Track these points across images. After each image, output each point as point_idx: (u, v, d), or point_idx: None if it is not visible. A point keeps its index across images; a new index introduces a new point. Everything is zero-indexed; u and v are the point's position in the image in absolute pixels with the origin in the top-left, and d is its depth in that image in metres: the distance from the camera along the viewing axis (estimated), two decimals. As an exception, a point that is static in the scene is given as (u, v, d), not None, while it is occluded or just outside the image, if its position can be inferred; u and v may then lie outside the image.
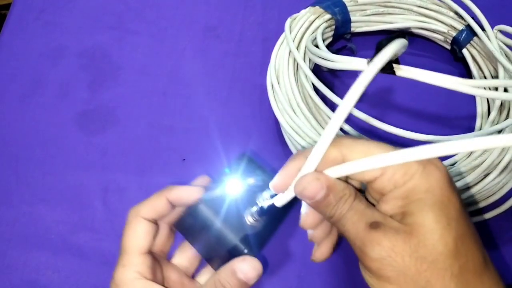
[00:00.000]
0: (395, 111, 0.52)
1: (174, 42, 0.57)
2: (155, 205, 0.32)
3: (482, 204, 0.42)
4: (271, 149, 0.49)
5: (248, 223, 0.31)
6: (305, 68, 0.45)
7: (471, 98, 0.52)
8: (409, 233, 0.24)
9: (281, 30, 0.51)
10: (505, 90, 0.47)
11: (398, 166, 0.25)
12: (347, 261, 0.43)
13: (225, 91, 0.53)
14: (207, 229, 0.32)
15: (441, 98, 0.52)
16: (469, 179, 0.40)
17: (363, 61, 0.35)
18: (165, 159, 0.48)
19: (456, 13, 0.52)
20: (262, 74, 0.52)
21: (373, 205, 0.27)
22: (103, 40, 0.57)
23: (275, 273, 0.42)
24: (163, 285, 0.31)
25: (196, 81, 0.54)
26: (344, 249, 0.43)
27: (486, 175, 0.41)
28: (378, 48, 0.30)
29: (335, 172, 0.26)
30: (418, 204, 0.24)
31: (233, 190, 0.32)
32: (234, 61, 0.56)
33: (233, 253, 0.31)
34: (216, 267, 0.33)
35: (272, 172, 0.31)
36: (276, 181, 0.29)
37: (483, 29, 0.49)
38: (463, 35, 0.52)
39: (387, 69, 0.31)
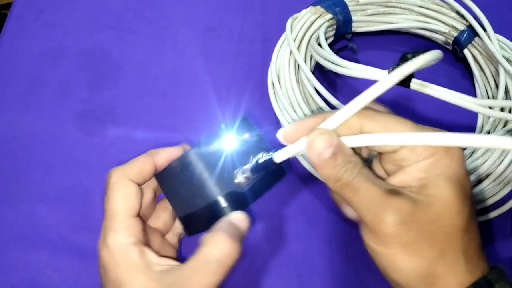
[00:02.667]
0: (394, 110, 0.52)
1: (174, 42, 0.57)
2: (142, 168, 0.31)
3: (483, 205, 0.42)
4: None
5: (237, 181, 0.30)
6: (306, 70, 0.45)
7: (472, 95, 0.51)
8: (429, 203, 0.24)
9: (281, 30, 0.51)
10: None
11: None
12: (347, 261, 0.43)
13: (226, 91, 0.53)
14: (190, 182, 0.30)
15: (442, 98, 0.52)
16: (471, 179, 0.40)
17: (381, 71, 0.35)
18: (165, 159, 0.48)
19: (458, 13, 0.52)
20: (262, 74, 0.51)
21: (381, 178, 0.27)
22: (103, 40, 0.57)
23: (276, 273, 0.42)
24: (151, 249, 0.30)
25: (196, 81, 0.54)
26: (345, 249, 0.43)
27: (487, 176, 0.41)
28: (402, 60, 0.31)
29: (352, 141, 0.25)
30: (440, 178, 0.25)
31: (226, 145, 0.30)
32: (234, 61, 0.55)
33: (213, 210, 0.29)
34: (190, 231, 0.31)
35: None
36: (287, 130, 0.27)
37: (484, 29, 0.49)
38: (464, 35, 0.51)
39: (405, 82, 0.31)
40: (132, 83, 0.53)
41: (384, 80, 0.24)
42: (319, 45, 0.47)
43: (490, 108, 0.43)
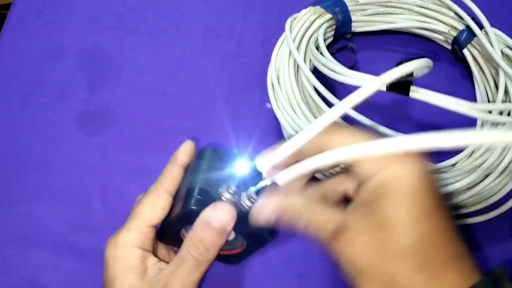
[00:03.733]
0: (393, 113, 0.52)
1: (174, 42, 0.57)
2: (174, 176, 0.32)
3: (483, 205, 0.42)
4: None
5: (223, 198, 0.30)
6: (306, 70, 0.45)
7: (472, 98, 0.52)
8: (378, 226, 0.24)
9: (281, 30, 0.51)
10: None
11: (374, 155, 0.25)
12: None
13: (225, 91, 0.53)
14: (189, 173, 0.31)
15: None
16: (470, 179, 0.40)
17: (372, 78, 0.35)
18: (165, 159, 0.48)
19: (457, 13, 0.52)
20: (262, 74, 0.51)
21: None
22: (103, 40, 0.57)
23: (276, 273, 0.42)
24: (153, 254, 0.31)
25: (196, 81, 0.54)
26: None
27: (486, 176, 0.41)
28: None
29: (286, 175, 0.27)
30: (392, 194, 0.24)
31: (238, 167, 0.31)
32: (234, 61, 0.55)
33: (188, 195, 0.29)
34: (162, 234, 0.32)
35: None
36: (259, 161, 0.29)
37: (482, 28, 0.49)
38: (464, 35, 0.51)
39: (402, 89, 0.31)
40: (132, 83, 0.53)
41: (360, 90, 0.24)
42: (317, 48, 0.47)
43: (489, 112, 0.43)
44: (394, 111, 0.52)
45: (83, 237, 0.44)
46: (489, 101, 0.50)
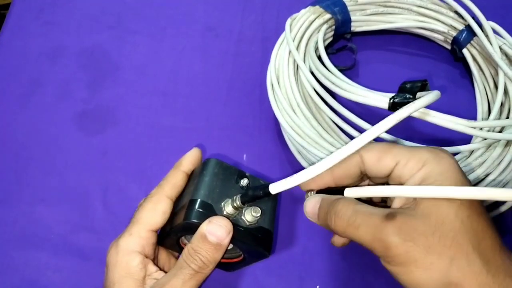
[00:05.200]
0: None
1: (174, 42, 0.57)
2: (175, 182, 0.32)
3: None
4: (271, 149, 0.49)
5: (225, 212, 0.30)
6: (305, 71, 0.45)
7: (472, 97, 0.52)
8: (426, 215, 0.25)
9: (281, 29, 0.51)
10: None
11: (410, 155, 0.27)
12: (347, 261, 0.43)
13: (225, 91, 0.53)
14: (192, 181, 0.32)
15: (440, 98, 0.52)
16: (470, 179, 0.40)
17: (380, 98, 0.36)
18: (165, 159, 0.48)
19: (456, 12, 0.52)
20: (262, 73, 0.51)
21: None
22: (102, 39, 0.57)
23: (276, 274, 0.42)
24: (153, 262, 0.31)
25: (196, 81, 0.54)
26: (345, 249, 0.43)
27: (486, 175, 0.41)
28: (401, 90, 0.33)
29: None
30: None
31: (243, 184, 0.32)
32: (234, 61, 0.55)
33: (188, 206, 0.30)
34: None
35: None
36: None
37: (482, 29, 0.49)
38: (463, 35, 0.51)
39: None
40: (132, 83, 0.53)
41: (381, 125, 0.27)
42: (317, 50, 0.47)
43: (489, 131, 0.44)
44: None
45: (83, 238, 0.44)
46: (488, 102, 0.50)
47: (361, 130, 0.42)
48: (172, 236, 0.32)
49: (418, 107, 0.28)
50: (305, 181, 0.28)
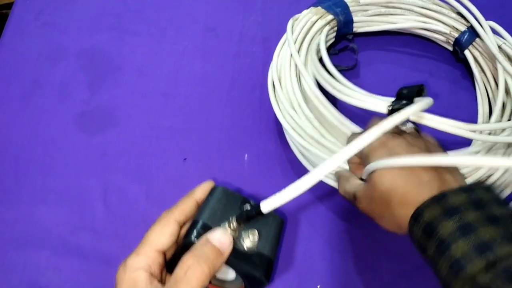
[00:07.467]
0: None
1: (174, 42, 0.57)
2: (185, 208, 0.34)
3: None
4: (271, 149, 0.49)
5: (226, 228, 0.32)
6: (307, 77, 0.45)
7: (473, 99, 0.52)
8: (373, 184, 0.34)
9: (282, 29, 0.51)
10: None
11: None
12: (347, 261, 0.43)
13: (225, 91, 0.53)
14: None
15: (442, 99, 0.52)
16: (470, 181, 0.40)
17: (380, 102, 0.37)
18: (165, 159, 0.48)
19: (459, 13, 0.52)
20: (263, 74, 0.51)
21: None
22: (102, 40, 0.57)
23: (276, 274, 0.42)
24: (161, 282, 0.32)
25: (196, 82, 0.54)
26: (345, 249, 0.43)
27: (489, 176, 0.41)
28: (399, 96, 0.36)
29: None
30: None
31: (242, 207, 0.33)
32: (234, 61, 0.55)
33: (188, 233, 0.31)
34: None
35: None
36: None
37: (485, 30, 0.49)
38: (465, 36, 0.51)
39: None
40: (132, 84, 0.53)
41: (378, 126, 0.32)
42: (321, 60, 0.46)
43: (489, 134, 0.44)
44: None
45: (83, 238, 0.44)
46: (490, 103, 0.50)
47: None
48: (176, 259, 0.32)
49: (401, 119, 0.32)
50: (296, 196, 0.29)
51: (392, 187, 0.32)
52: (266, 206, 0.30)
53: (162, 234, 0.32)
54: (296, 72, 0.47)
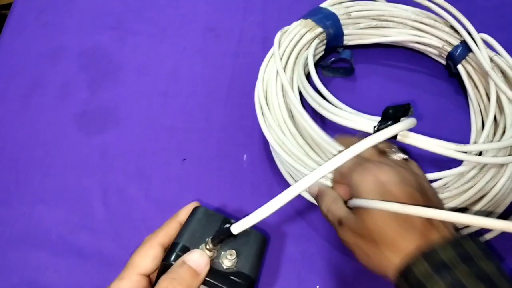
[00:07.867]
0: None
1: (174, 42, 0.57)
2: (169, 231, 0.34)
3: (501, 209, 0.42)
4: (271, 149, 0.49)
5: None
6: (292, 98, 0.44)
7: (466, 115, 0.51)
8: (360, 217, 0.34)
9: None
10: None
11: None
12: (347, 261, 0.43)
13: (225, 91, 0.53)
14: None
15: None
16: (462, 200, 0.40)
17: (368, 122, 0.37)
18: (165, 159, 0.48)
19: (452, 27, 0.51)
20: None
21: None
22: (103, 40, 0.56)
23: (276, 274, 0.42)
24: None
25: (196, 81, 0.54)
26: (345, 249, 0.43)
27: (482, 197, 0.41)
28: (384, 116, 0.35)
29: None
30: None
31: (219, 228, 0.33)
32: (234, 61, 0.56)
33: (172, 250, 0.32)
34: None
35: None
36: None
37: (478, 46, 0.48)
38: (459, 50, 0.50)
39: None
40: (132, 83, 0.53)
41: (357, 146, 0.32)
42: (308, 77, 0.45)
43: (480, 154, 0.44)
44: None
45: (83, 238, 0.44)
46: (482, 118, 0.49)
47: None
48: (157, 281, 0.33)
49: (393, 133, 0.33)
50: (267, 215, 0.30)
51: (383, 228, 0.32)
52: (237, 227, 0.30)
53: (145, 257, 0.32)
54: (282, 88, 0.46)
